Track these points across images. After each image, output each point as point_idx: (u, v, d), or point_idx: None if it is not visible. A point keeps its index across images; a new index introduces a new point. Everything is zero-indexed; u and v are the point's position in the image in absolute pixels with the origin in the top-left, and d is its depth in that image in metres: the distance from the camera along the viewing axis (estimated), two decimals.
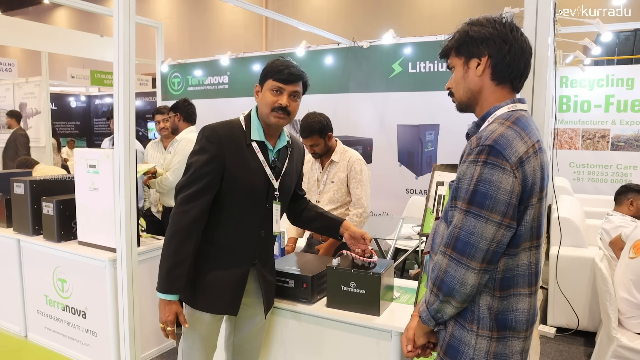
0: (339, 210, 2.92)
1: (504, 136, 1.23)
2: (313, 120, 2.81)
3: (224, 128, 1.85)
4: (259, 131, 1.88)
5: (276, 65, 1.84)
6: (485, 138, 1.24)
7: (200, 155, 1.81)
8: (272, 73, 1.83)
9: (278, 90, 1.83)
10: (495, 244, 1.23)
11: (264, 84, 1.87)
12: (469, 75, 1.39)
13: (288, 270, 2.13)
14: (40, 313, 3.40)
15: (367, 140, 5.38)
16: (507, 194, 1.21)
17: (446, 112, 4.85)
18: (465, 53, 1.39)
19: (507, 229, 1.22)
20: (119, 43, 2.55)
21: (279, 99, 1.83)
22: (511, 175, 1.21)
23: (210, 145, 1.80)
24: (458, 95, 1.45)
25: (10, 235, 3.46)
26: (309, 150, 2.88)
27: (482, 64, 1.36)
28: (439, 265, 1.29)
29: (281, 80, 1.82)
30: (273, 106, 1.83)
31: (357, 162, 2.92)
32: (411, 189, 5.15)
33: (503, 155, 1.21)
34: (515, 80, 1.38)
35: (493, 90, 1.38)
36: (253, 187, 1.87)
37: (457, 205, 1.28)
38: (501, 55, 1.33)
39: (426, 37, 4.93)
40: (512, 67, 1.35)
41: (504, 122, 1.28)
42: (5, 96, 8.99)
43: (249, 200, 1.88)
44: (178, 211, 1.79)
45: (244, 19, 13.41)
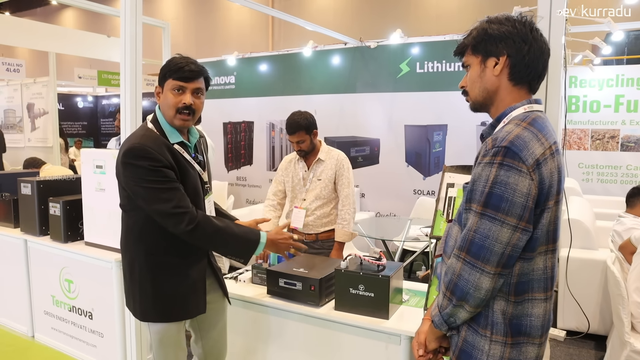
0: (324, 209, 2.94)
1: (520, 137, 1.21)
2: (299, 117, 2.86)
3: (148, 140, 1.77)
4: (174, 133, 1.84)
5: (175, 63, 1.78)
6: (501, 139, 1.22)
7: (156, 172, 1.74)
8: (172, 72, 1.77)
9: (180, 89, 1.78)
10: (511, 247, 1.20)
11: (164, 84, 1.81)
12: (485, 74, 1.36)
13: (296, 272, 2.11)
14: (47, 313, 3.39)
15: (374, 140, 5.35)
16: (524, 197, 1.18)
17: (454, 113, 4.82)
18: (483, 51, 1.35)
19: (523, 232, 1.20)
20: (126, 43, 2.54)
21: (182, 98, 1.78)
22: (528, 177, 1.18)
23: (153, 162, 1.73)
24: (473, 95, 1.41)
25: (18, 235, 3.46)
26: (295, 147, 2.92)
27: (500, 63, 1.32)
28: (453, 269, 1.26)
29: (182, 78, 1.77)
30: (177, 107, 1.79)
31: (345, 160, 2.98)
32: (419, 189, 5.11)
33: (519, 157, 1.18)
34: (533, 81, 1.35)
35: (510, 90, 1.34)
36: (195, 185, 1.87)
37: (471, 207, 1.25)
38: (520, 55, 1.30)
39: (434, 37, 4.90)
40: (531, 68, 1.32)
41: (520, 123, 1.25)
42: (13, 96, 9.03)
43: (195, 199, 1.86)
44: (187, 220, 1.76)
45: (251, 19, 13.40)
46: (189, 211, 1.77)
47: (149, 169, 1.72)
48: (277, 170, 3.10)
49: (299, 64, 5.73)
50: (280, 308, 2.13)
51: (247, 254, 1.87)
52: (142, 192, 1.75)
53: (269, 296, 2.18)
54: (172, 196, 1.75)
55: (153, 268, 1.85)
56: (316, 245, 2.90)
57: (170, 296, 1.87)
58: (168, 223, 1.77)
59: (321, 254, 2.88)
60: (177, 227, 1.76)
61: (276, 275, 2.13)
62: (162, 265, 1.85)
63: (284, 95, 5.84)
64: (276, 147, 6.09)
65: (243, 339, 2.31)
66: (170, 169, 1.76)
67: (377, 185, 5.37)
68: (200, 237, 1.80)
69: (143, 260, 1.85)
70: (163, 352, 1.93)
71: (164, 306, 1.86)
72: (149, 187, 1.74)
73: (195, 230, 1.76)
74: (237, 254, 1.87)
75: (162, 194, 1.74)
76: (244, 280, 2.39)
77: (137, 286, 1.88)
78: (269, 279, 2.17)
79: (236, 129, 6.36)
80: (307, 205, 2.90)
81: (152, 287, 1.85)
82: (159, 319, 1.88)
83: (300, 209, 2.89)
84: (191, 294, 1.90)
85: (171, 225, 1.77)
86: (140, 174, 1.73)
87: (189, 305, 1.91)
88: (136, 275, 1.87)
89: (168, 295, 1.86)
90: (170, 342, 1.92)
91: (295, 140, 2.86)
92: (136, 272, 1.87)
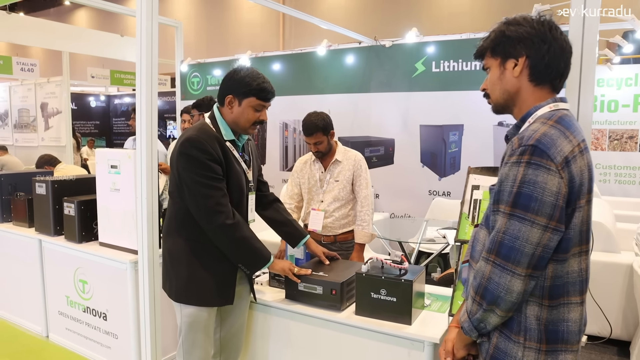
0: (343, 210, 2.90)
1: (547, 135, 1.18)
2: (316, 118, 2.82)
3: (203, 133, 1.95)
4: (228, 131, 2.02)
5: (259, 84, 1.97)
6: (527, 138, 1.19)
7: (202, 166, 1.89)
8: (257, 92, 1.97)
9: (261, 108, 2.01)
10: (542, 248, 1.17)
11: (244, 99, 1.98)
12: (505, 76, 1.34)
13: (316, 276, 2.06)
14: (61, 314, 3.38)
15: (389, 140, 5.29)
16: (553, 196, 1.15)
17: (471, 112, 4.74)
18: (502, 53, 1.34)
19: (553, 232, 1.16)
20: (142, 43, 2.50)
21: (260, 115, 2.02)
22: (557, 175, 1.15)
23: (203, 154, 1.90)
24: (494, 97, 1.39)
25: (32, 235, 3.45)
26: (312, 149, 2.89)
27: (519, 64, 1.31)
28: (482, 273, 1.22)
29: (266, 99, 2.00)
30: (255, 121, 2.01)
31: (362, 160, 2.95)
32: (434, 190, 5.04)
33: (547, 154, 1.15)
34: (555, 81, 1.33)
35: (532, 91, 1.32)
36: (240, 181, 2.03)
37: (499, 209, 1.22)
38: (540, 55, 1.28)
39: (450, 36, 4.83)
40: (552, 68, 1.29)
41: (546, 121, 1.23)
42: (27, 96, 9.09)
43: (239, 194, 2.03)
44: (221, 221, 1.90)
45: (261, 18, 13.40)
46: (225, 211, 1.90)
47: (200, 160, 1.88)
48: (292, 172, 3.06)
49: (313, 63, 5.68)
50: (300, 312, 2.09)
51: (255, 268, 2.02)
52: (189, 181, 1.91)
53: (288, 300, 2.13)
54: (214, 193, 1.90)
55: (190, 253, 1.98)
56: (334, 247, 2.85)
57: (203, 281, 1.98)
58: (201, 217, 1.91)
59: (340, 255, 2.83)
60: (209, 224, 1.90)
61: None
62: (199, 252, 1.98)
63: (297, 94, 5.79)
64: (289, 146, 6.05)
65: (260, 343, 2.27)
66: (219, 163, 1.92)
67: (392, 185, 5.30)
68: (225, 240, 1.93)
69: (182, 245, 1.99)
70: (191, 337, 2.01)
71: (197, 290, 1.99)
72: (195, 179, 1.88)
73: (225, 231, 1.90)
74: (247, 265, 2.01)
75: (205, 189, 1.89)
76: (261, 283, 2.35)
77: (175, 269, 2.02)
78: (287, 282, 2.12)
79: None
80: (325, 207, 2.85)
81: (187, 271, 1.98)
82: (190, 301, 2.00)
83: (318, 211, 2.85)
84: (223, 283, 2.01)
85: (204, 219, 1.91)
86: (192, 163, 1.89)
87: (220, 294, 2.02)
88: (175, 258, 2.01)
89: (201, 280, 1.98)
90: (199, 328, 2.01)
91: (313, 141, 2.81)
92: (175, 256, 2.02)
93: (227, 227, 1.90)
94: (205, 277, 1.98)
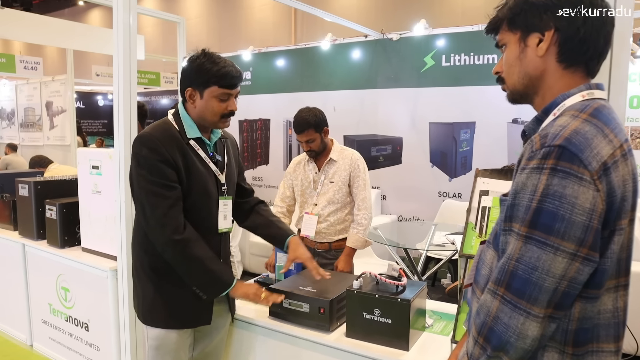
0: (338, 214, 2.65)
1: (580, 133, 0.89)
2: (307, 114, 2.58)
3: (159, 131, 1.70)
4: (193, 128, 1.75)
5: (219, 69, 1.68)
6: (553, 136, 0.90)
7: (152, 169, 1.65)
8: (218, 79, 1.69)
9: (227, 97, 1.72)
10: (567, 282, 0.88)
11: (205, 90, 1.71)
12: (526, 55, 1.04)
13: (303, 291, 1.83)
14: (44, 322, 3.20)
15: (396, 139, 5.03)
16: (586, 214, 0.86)
17: (483, 109, 4.47)
18: (523, 26, 1.04)
19: (584, 262, 0.88)
20: (119, 35, 2.30)
21: (227, 105, 1.73)
22: (591, 187, 0.86)
23: (155, 154, 1.65)
24: (511, 82, 1.09)
25: (16, 239, 3.27)
26: (304, 147, 2.65)
27: (545, 40, 1.01)
28: (487, 309, 0.94)
29: (229, 86, 1.71)
30: (223, 113, 1.73)
31: (360, 160, 2.69)
32: (444, 191, 4.77)
33: (580, 159, 0.87)
34: (592, 62, 1.02)
35: (560, 75, 1.02)
36: (205, 185, 1.75)
37: (513, 228, 0.93)
38: (573, 28, 0.98)
39: (461, 28, 4.56)
40: (588, 44, 0.99)
41: (578, 114, 0.93)
42: (32, 95, 9.00)
43: (204, 200, 1.76)
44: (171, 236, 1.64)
45: (273, 16, 13.24)
46: (171, 225, 1.63)
47: (150, 162, 1.64)
48: (285, 173, 2.82)
49: (317, 58, 5.45)
50: (284, 332, 1.85)
51: (211, 293, 1.74)
52: (136, 187, 1.68)
53: (272, 318, 1.90)
54: (161, 203, 1.64)
55: (157, 270, 1.74)
56: (329, 256, 2.61)
57: (171, 302, 1.74)
58: (148, 229, 1.67)
59: (335, 265, 2.59)
60: (155, 238, 1.66)
61: (279, 294, 1.86)
62: (166, 268, 1.72)
63: (301, 91, 5.57)
64: (293, 145, 5.82)
65: None
66: (173, 167, 1.66)
67: (399, 186, 5.05)
68: (174, 257, 1.68)
69: (147, 261, 1.76)
70: None
71: (164, 311, 1.74)
72: (142, 185, 1.65)
73: (173, 248, 1.65)
74: (202, 289, 1.72)
75: (152, 197, 1.64)
76: None
77: (141, 287, 1.79)
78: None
79: (252, 127, 6.12)
80: (319, 211, 2.61)
81: (153, 289, 1.75)
82: (157, 324, 1.76)
83: (311, 215, 2.61)
84: (194, 302, 1.75)
85: (150, 233, 1.67)
86: (141, 166, 1.66)
87: (191, 315, 1.77)
88: (140, 274, 1.80)
89: (169, 300, 1.74)
90: (167, 352, 1.77)
91: (304, 139, 2.58)
92: (140, 272, 1.80)
93: (174, 243, 1.64)
94: (175, 295, 1.74)
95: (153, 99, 11.47)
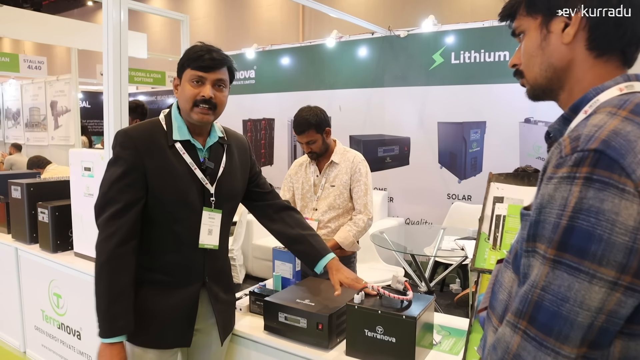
0: (340, 220, 2.50)
1: (620, 134, 0.72)
2: (308, 114, 2.44)
3: (139, 130, 1.57)
4: (181, 129, 1.59)
5: (194, 52, 1.54)
6: (587, 138, 0.73)
7: (115, 167, 1.51)
8: (190, 61, 1.54)
9: (199, 80, 1.54)
10: (605, 316, 0.71)
11: (182, 75, 1.57)
12: (550, 43, 0.88)
13: (300, 305, 1.69)
14: (37, 329, 3.09)
15: (404, 139, 4.88)
16: (629, 234, 0.69)
17: (494, 108, 4.31)
18: (544, 8, 0.87)
19: (627, 292, 0.71)
20: (108, 32, 2.18)
21: (200, 90, 1.54)
22: (636, 200, 0.69)
23: (125, 152, 1.51)
24: (531, 75, 0.92)
25: (9, 242, 3.17)
26: (305, 149, 2.51)
27: (573, 24, 0.84)
28: (506, 345, 0.78)
29: (201, 67, 1.53)
30: (195, 99, 1.53)
31: (362, 163, 2.53)
32: (453, 194, 4.61)
33: (621, 166, 0.70)
34: (630, 49, 0.85)
35: (591, 65, 0.85)
36: (184, 194, 1.56)
37: (537, 249, 0.77)
38: (606, 8, 0.82)
39: (471, 24, 4.39)
40: (625, 27, 0.82)
41: (616, 111, 0.76)
42: (37, 94, 8.96)
43: (181, 211, 1.57)
44: (101, 238, 1.49)
45: (281, 15, 13.16)
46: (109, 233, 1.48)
47: (115, 155, 1.52)
48: (286, 175, 2.68)
49: (322, 56, 5.31)
50: (281, 348, 1.72)
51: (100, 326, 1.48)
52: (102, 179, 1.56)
53: (267, 332, 1.77)
54: (110, 207, 1.49)
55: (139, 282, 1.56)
56: None
57: (148, 316, 1.56)
58: None
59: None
60: None
61: (275, 307, 1.72)
62: (143, 279, 1.57)
63: (306, 90, 5.43)
64: (298, 146, 5.69)
65: None
66: (136, 170, 1.50)
67: (407, 188, 4.90)
68: (95, 266, 1.50)
69: None
70: None
71: (139, 326, 1.54)
72: (104, 177, 1.53)
73: (97, 255, 1.50)
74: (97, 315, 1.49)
75: (102, 198, 1.51)
76: (240, 308, 1.98)
77: None
78: (266, 311, 1.76)
79: (256, 127, 5.99)
80: (319, 216, 2.47)
81: None
82: (132, 339, 1.57)
83: (311, 220, 2.47)
84: (170, 321, 1.59)
85: None
86: (109, 163, 1.54)
87: (165, 335, 1.60)
88: None
89: (146, 315, 1.56)
90: None
91: (305, 140, 2.43)
92: None
93: (99, 251, 1.48)
94: (152, 313, 1.58)
95: (159, 98, 11.39)
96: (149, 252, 1.58)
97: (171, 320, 1.59)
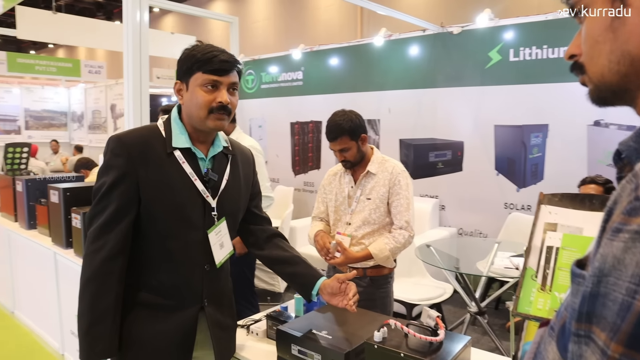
0: (375, 237, 2.24)
1: None
2: (342, 119, 2.20)
3: (134, 136, 1.42)
4: (182, 136, 1.44)
5: (203, 53, 1.38)
6: None
7: (106, 176, 1.38)
8: (201, 64, 1.38)
9: (214, 84, 1.39)
10: None
11: (189, 79, 1.41)
12: (625, 23, 0.60)
13: (316, 336, 1.49)
14: (73, 334, 3.09)
15: (457, 143, 4.55)
16: None
17: (557, 110, 3.90)
18: None
19: None
20: (129, 31, 2.09)
21: (216, 95, 1.39)
22: None
23: (117, 159, 1.37)
24: (596, 69, 0.63)
25: (49, 246, 3.20)
26: (338, 157, 2.28)
27: None
28: None
29: (216, 71, 1.38)
30: (211, 106, 1.38)
31: (402, 174, 2.27)
32: (511, 203, 4.24)
33: None
34: None
35: None
36: (181, 208, 1.42)
37: (594, 337, 0.49)
38: None
39: (532, 17, 4.01)
40: None
41: None
42: (99, 98, 9.33)
43: (178, 227, 1.43)
44: (88, 251, 1.38)
45: (339, 17, 13.09)
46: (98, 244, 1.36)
47: (105, 163, 1.40)
48: (320, 186, 2.48)
49: (371, 55, 5.08)
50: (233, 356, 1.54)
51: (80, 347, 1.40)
52: None
53: None
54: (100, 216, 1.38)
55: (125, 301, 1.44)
56: (363, 283, 2.23)
57: (138, 342, 1.44)
58: None
59: (370, 295, 2.22)
60: None
61: (288, 338, 1.53)
62: (134, 300, 1.44)
63: (354, 91, 5.23)
64: None
65: None
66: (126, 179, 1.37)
67: (460, 196, 4.57)
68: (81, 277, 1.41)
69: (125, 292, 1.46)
70: None
71: (128, 352, 1.44)
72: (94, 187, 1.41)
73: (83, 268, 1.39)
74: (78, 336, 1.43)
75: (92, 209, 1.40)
76: (257, 332, 1.81)
77: None
78: (278, 341, 1.57)
79: (304, 130, 5.85)
80: (353, 231, 2.25)
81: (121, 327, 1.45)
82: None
83: (344, 235, 2.26)
84: (163, 349, 1.45)
85: None
86: (100, 169, 1.43)
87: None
88: None
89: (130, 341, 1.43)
90: None
91: (338, 148, 2.22)
92: None
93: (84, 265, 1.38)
94: (145, 338, 1.44)
95: None
96: (141, 270, 1.44)
97: (164, 349, 1.44)
